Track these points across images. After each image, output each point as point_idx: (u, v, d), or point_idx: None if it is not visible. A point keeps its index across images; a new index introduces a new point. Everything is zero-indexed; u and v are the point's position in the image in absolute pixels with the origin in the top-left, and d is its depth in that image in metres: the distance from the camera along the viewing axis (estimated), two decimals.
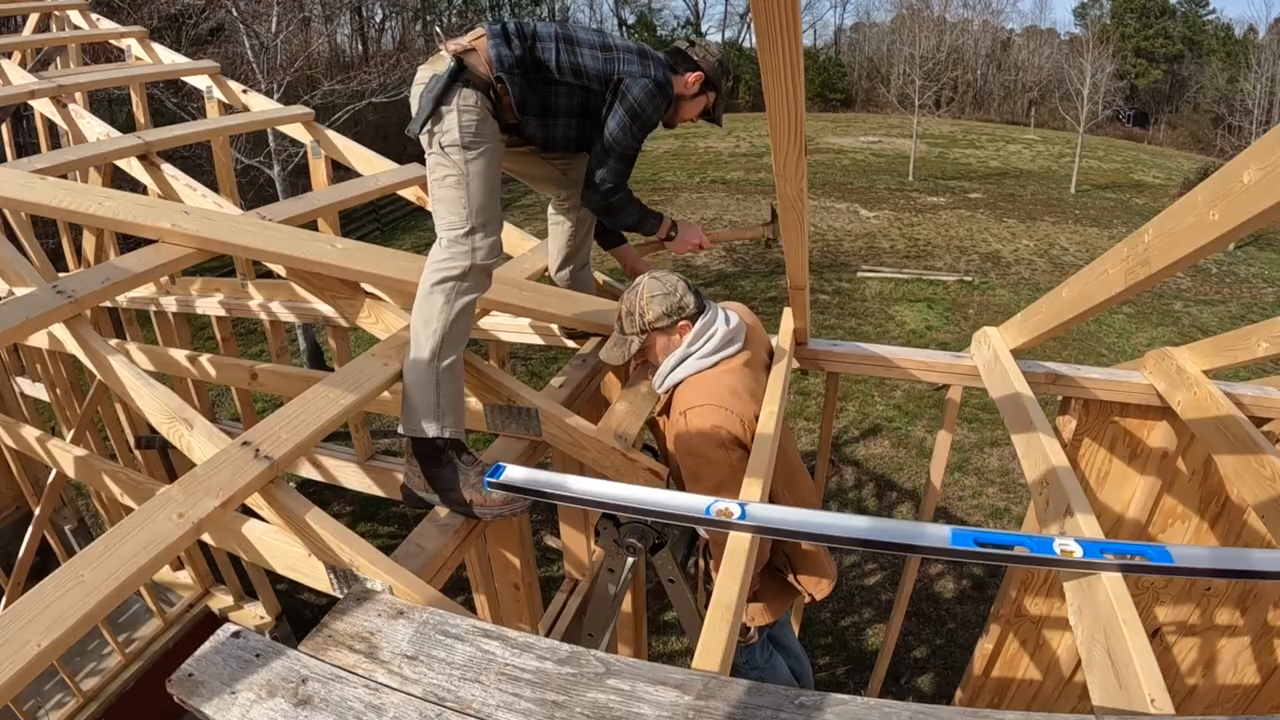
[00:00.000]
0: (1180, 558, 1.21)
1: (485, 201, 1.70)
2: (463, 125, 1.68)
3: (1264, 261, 16.80)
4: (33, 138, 4.82)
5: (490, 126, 1.74)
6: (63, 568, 1.15)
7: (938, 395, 9.57)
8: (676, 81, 1.99)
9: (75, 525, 5.96)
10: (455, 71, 1.69)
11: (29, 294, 1.68)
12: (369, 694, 1.06)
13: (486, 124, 1.73)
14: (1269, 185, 0.93)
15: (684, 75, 2.01)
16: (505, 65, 1.75)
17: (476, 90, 1.71)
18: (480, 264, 1.68)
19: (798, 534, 1.34)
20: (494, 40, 1.76)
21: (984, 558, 1.25)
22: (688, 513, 1.34)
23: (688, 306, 1.86)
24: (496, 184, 1.75)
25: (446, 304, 1.65)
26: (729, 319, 1.91)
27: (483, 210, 1.69)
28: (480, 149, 1.70)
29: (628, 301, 1.91)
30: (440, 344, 1.64)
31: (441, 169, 1.70)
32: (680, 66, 2.00)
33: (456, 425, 1.65)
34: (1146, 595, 2.63)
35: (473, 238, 1.67)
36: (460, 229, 1.68)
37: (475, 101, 1.70)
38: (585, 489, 1.41)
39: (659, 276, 1.91)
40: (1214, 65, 34.31)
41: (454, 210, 1.69)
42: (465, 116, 1.68)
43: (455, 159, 1.69)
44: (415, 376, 1.63)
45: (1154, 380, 2.25)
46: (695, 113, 2.09)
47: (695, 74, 2.01)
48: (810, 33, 47.63)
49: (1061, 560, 1.24)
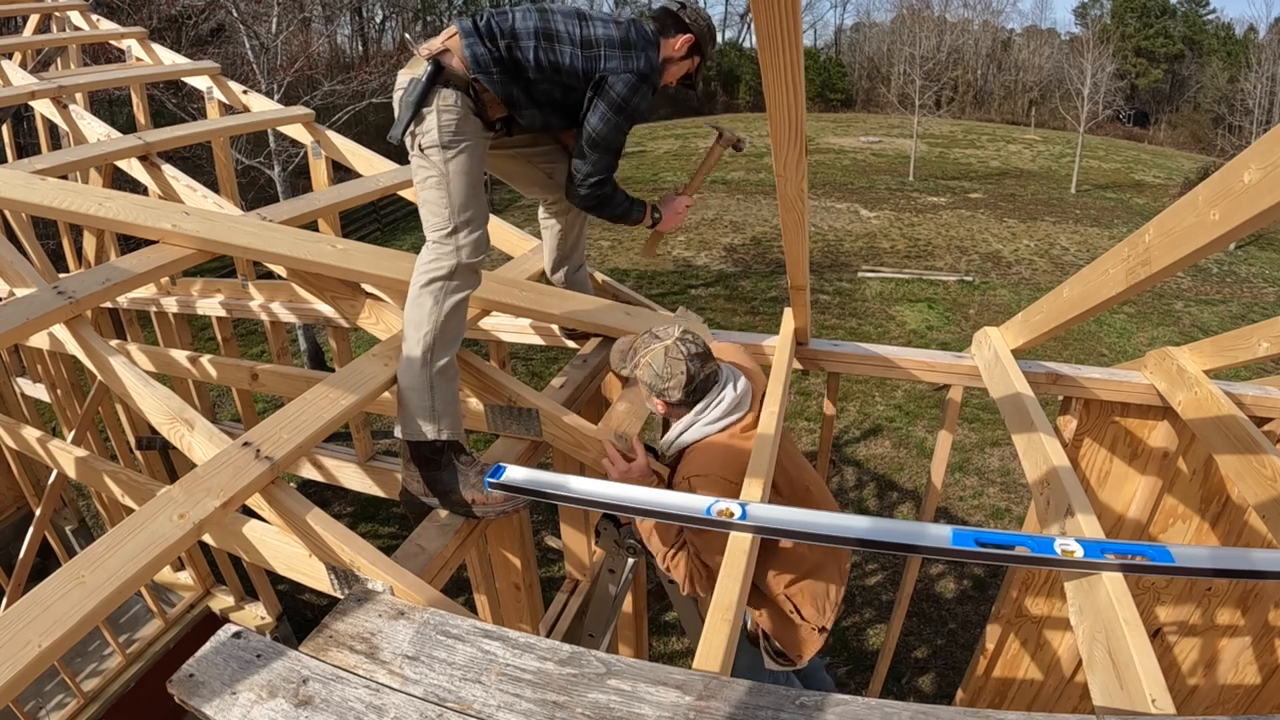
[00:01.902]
0: (1181, 558, 1.21)
1: (467, 199, 1.69)
2: (442, 125, 1.68)
3: (1265, 261, 16.80)
4: (33, 138, 4.83)
5: (471, 125, 1.73)
6: (63, 568, 1.15)
7: (938, 395, 9.58)
8: (665, 45, 1.93)
9: (76, 526, 5.97)
10: (433, 74, 1.68)
11: (30, 295, 1.68)
12: (370, 694, 1.06)
13: (467, 122, 1.71)
14: (1269, 185, 0.93)
15: (674, 37, 1.93)
16: (482, 65, 1.72)
17: (456, 90, 1.70)
18: (466, 262, 1.68)
19: (799, 534, 1.34)
20: (468, 39, 1.73)
21: (985, 558, 1.25)
22: (688, 513, 1.34)
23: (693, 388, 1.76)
24: (478, 181, 1.75)
25: (436, 305, 1.65)
26: (736, 384, 1.82)
27: (465, 207, 1.68)
28: (459, 147, 1.69)
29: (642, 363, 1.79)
30: (432, 346, 1.64)
31: (423, 171, 1.71)
32: (670, 28, 1.93)
33: (454, 427, 1.65)
34: (1147, 595, 2.63)
35: (456, 236, 1.67)
36: (444, 229, 1.68)
37: (455, 101, 1.69)
38: (586, 489, 1.41)
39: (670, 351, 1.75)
40: (1214, 65, 34.29)
41: (436, 211, 1.69)
42: (444, 116, 1.68)
43: (435, 159, 1.69)
44: (409, 380, 1.63)
45: (1155, 380, 2.25)
46: (679, 76, 2.02)
47: (685, 36, 1.93)
48: (810, 32, 47.68)
49: (1063, 560, 1.24)
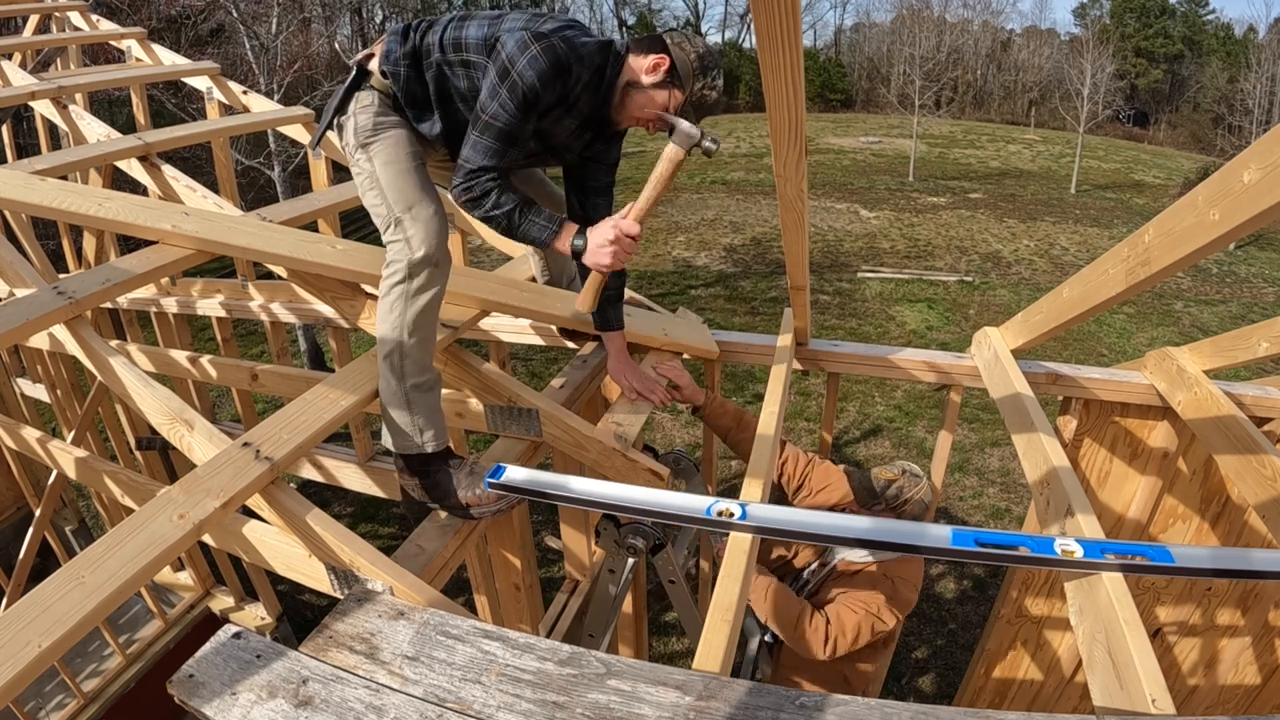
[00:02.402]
0: (1181, 558, 1.21)
1: (400, 187, 1.60)
2: (359, 127, 1.63)
3: (1264, 261, 16.79)
4: (33, 139, 4.84)
5: (390, 118, 1.65)
6: (63, 569, 1.15)
7: (938, 396, 9.57)
8: (632, 62, 1.59)
9: (76, 526, 5.97)
10: (355, 79, 1.64)
11: (30, 295, 1.68)
12: (370, 695, 1.06)
13: (385, 115, 1.64)
14: (1269, 185, 0.93)
15: (644, 56, 1.58)
16: (392, 59, 1.63)
17: (373, 90, 1.64)
18: (418, 255, 1.55)
19: (798, 534, 1.34)
20: (391, 38, 1.66)
21: (985, 558, 1.25)
22: (688, 513, 1.34)
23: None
24: (409, 166, 1.64)
25: (400, 316, 1.56)
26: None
27: (400, 196, 1.59)
28: (378, 138, 1.63)
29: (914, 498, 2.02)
30: (402, 363, 1.58)
31: (358, 178, 1.66)
32: (645, 46, 1.60)
33: (437, 437, 1.63)
34: (1147, 596, 2.63)
35: (402, 228, 1.57)
36: (387, 226, 1.60)
37: (371, 100, 1.63)
38: (585, 489, 1.41)
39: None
40: (1214, 65, 34.28)
41: (377, 211, 1.62)
42: (360, 118, 1.63)
43: (361, 162, 1.63)
44: (387, 397, 1.61)
45: (1155, 380, 2.25)
46: (651, 108, 1.60)
47: (657, 57, 1.56)
48: (810, 33, 47.67)
49: (1063, 561, 1.24)
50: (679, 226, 17.85)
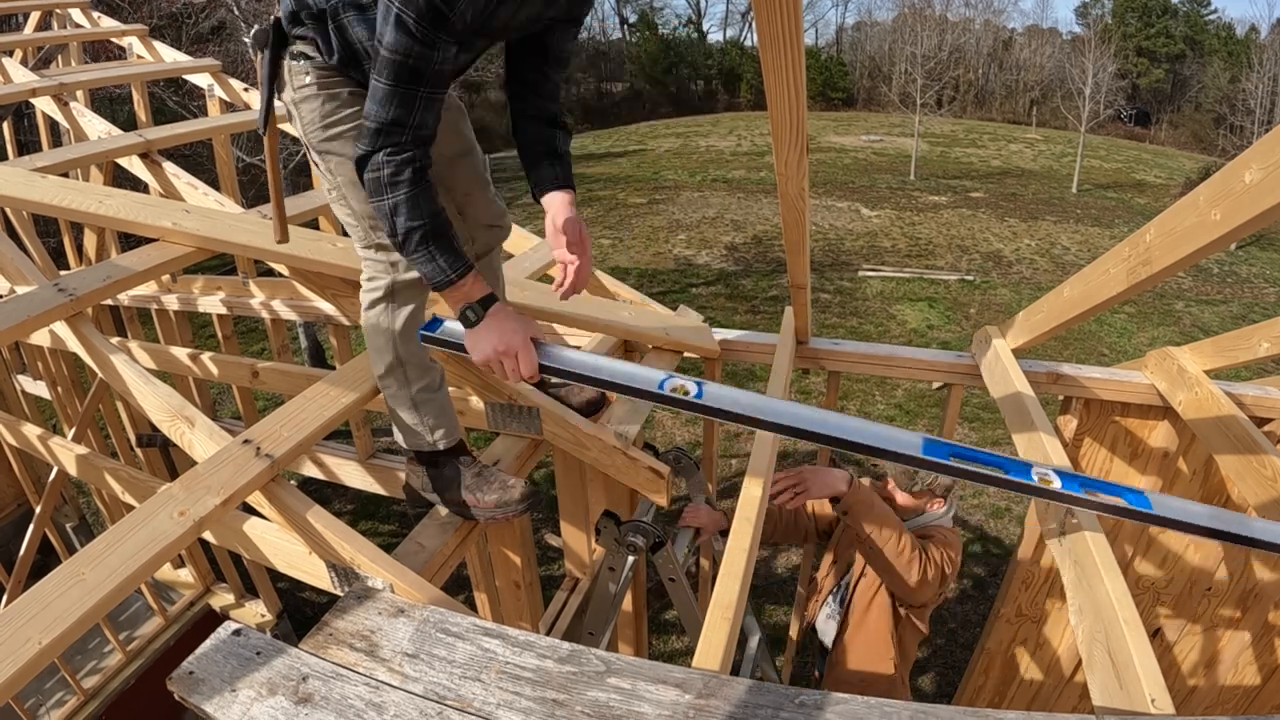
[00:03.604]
0: (1160, 506, 1.20)
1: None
2: (305, 122, 1.34)
3: (1265, 261, 16.78)
4: (34, 136, 4.83)
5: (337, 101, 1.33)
6: (64, 565, 1.15)
7: (938, 395, 9.57)
8: None
9: (76, 523, 5.97)
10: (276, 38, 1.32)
11: (30, 292, 1.68)
12: (370, 692, 1.06)
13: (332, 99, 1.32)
14: (1270, 185, 0.93)
15: None
16: (287, 13, 1.29)
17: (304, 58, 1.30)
18: (405, 279, 1.39)
19: (751, 419, 1.23)
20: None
21: (956, 472, 1.20)
22: (640, 385, 1.28)
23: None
24: None
25: (388, 331, 1.45)
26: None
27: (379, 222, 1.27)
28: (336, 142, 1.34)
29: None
30: (404, 371, 1.52)
31: (322, 184, 1.43)
32: None
33: (449, 434, 1.62)
34: (1147, 595, 2.63)
35: (385, 251, 1.37)
36: (366, 246, 1.40)
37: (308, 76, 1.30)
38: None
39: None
40: (1216, 65, 34.23)
41: (350, 226, 1.41)
42: (305, 111, 1.33)
43: (321, 168, 1.38)
44: (394, 401, 1.57)
45: (1155, 380, 2.25)
46: None
47: None
48: (812, 31, 47.64)
49: (1039, 488, 1.22)
50: (680, 224, 17.85)
